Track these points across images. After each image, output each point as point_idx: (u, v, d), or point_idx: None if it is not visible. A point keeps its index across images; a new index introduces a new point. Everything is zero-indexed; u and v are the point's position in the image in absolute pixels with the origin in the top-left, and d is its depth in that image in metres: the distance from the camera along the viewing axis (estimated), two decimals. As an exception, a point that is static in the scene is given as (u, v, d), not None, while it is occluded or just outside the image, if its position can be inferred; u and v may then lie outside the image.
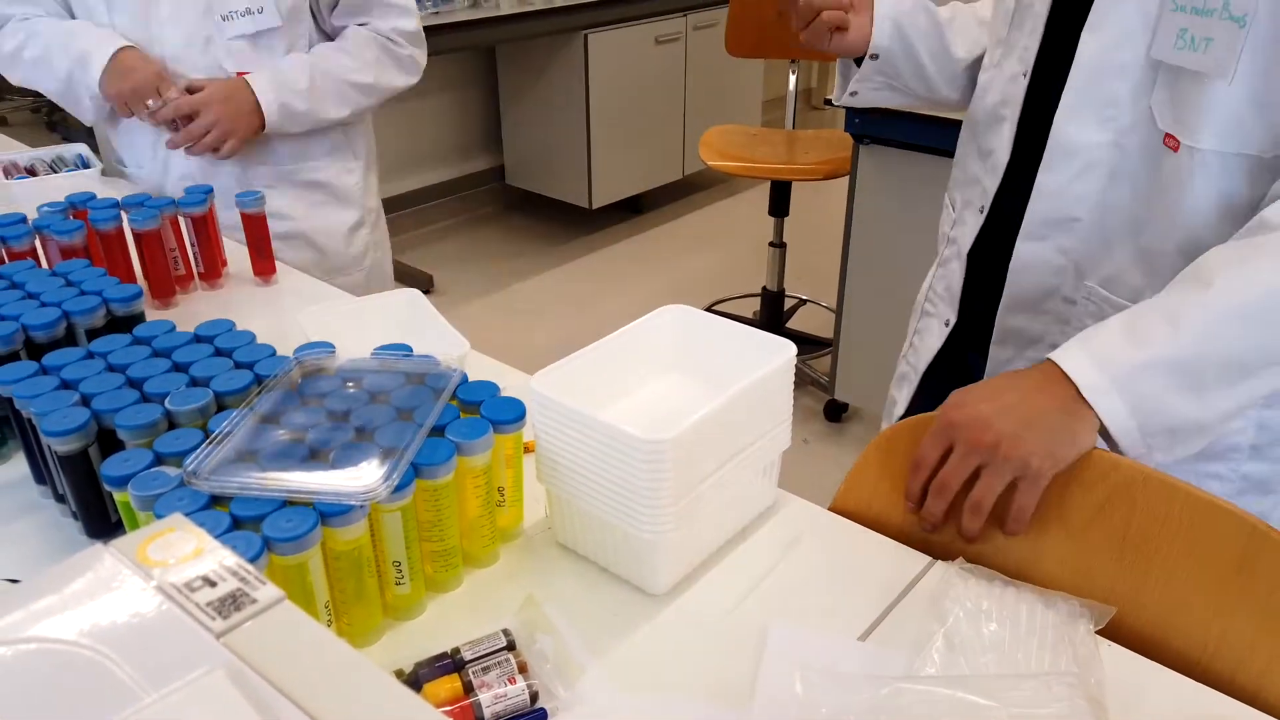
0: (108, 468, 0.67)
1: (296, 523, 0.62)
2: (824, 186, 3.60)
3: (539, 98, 3.63)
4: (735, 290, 3.25)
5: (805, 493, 0.85)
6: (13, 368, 0.79)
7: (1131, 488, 0.73)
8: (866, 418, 2.61)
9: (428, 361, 0.80)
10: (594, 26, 3.37)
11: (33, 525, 0.81)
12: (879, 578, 0.76)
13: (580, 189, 3.64)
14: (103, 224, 1.13)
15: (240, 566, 0.40)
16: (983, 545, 0.79)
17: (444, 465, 0.69)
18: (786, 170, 2.50)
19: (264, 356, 0.82)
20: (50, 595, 0.38)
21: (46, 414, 0.73)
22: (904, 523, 0.83)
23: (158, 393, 0.75)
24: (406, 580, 0.71)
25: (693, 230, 3.88)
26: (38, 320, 0.86)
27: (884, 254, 2.16)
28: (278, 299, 1.24)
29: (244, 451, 0.68)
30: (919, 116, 1.95)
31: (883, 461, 0.85)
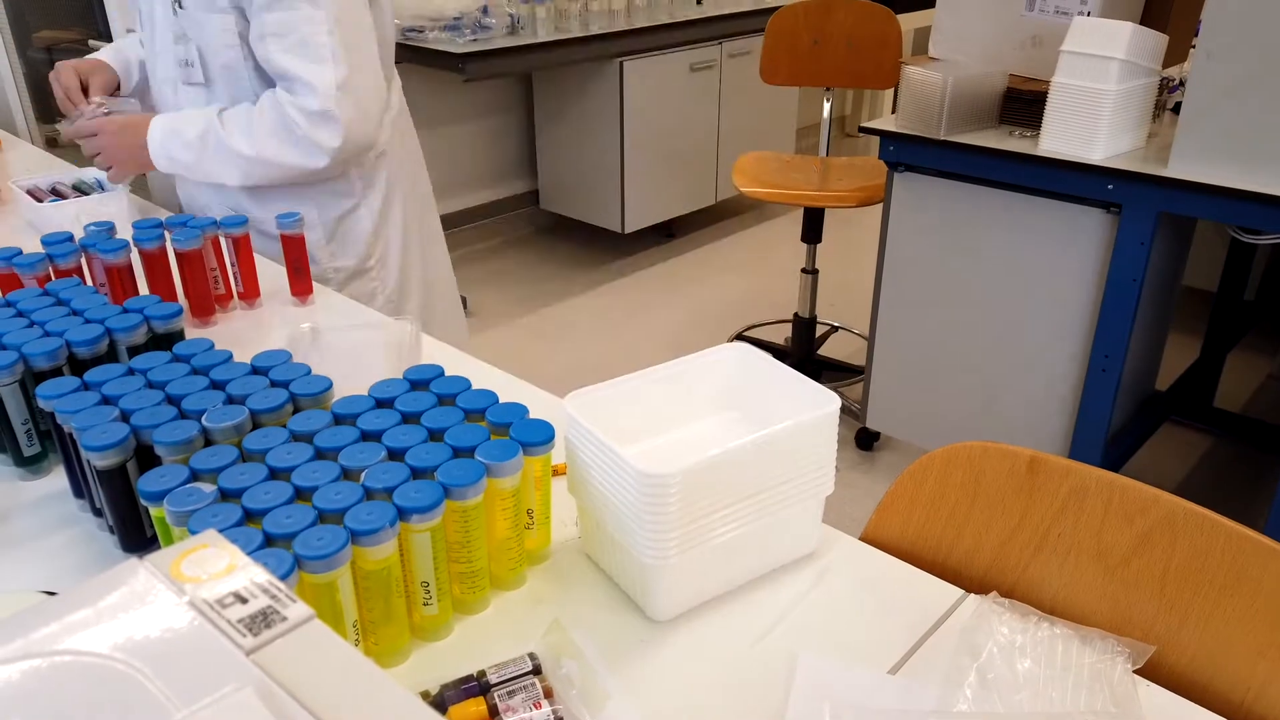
0: (144, 483, 0.68)
1: (327, 541, 0.62)
2: (857, 213, 3.60)
3: (574, 123, 3.67)
4: (767, 316, 3.24)
5: (836, 522, 0.84)
6: (56, 383, 0.80)
7: (1172, 522, 0.72)
8: (899, 447, 2.58)
9: (456, 381, 0.81)
10: (629, 54, 3.41)
11: (70, 538, 0.83)
12: (911, 610, 0.75)
13: (613, 214, 3.67)
14: (146, 243, 1.15)
15: (271, 584, 0.40)
16: (1017, 579, 0.78)
17: (473, 486, 0.69)
18: (820, 197, 2.50)
19: (299, 375, 0.83)
20: (85, 608, 0.39)
21: (87, 429, 0.74)
22: (937, 554, 0.82)
23: (195, 410, 0.76)
24: (434, 601, 0.71)
25: (725, 256, 3.89)
26: (81, 337, 0.88)
27: (918, 282, 2.15)
28: (314, 319, 1.26)
29: (277, 470, 0.69)
30: (953, 145, 1.95)
31: (915, 491, 0.84)
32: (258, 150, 1.36)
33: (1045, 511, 0.79)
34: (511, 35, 3.17)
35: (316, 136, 1.34)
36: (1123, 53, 1.71)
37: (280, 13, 1.31)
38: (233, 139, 1.37)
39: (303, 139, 1.34)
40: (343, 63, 1.33)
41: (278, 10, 1.31)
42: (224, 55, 1.38)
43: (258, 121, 1.36)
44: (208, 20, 1.36)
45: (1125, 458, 2.25)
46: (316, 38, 1.31)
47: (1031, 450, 0.80)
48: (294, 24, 1.31)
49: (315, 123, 1.33)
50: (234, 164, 1.38)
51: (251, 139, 1.36)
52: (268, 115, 1.35)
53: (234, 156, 1.37)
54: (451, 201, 3.86)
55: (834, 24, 2.70)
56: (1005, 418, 2.13)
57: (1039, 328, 2.00)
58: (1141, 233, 1.79)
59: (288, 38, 1.31)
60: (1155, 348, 2.30)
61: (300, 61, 1.32)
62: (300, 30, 1.31)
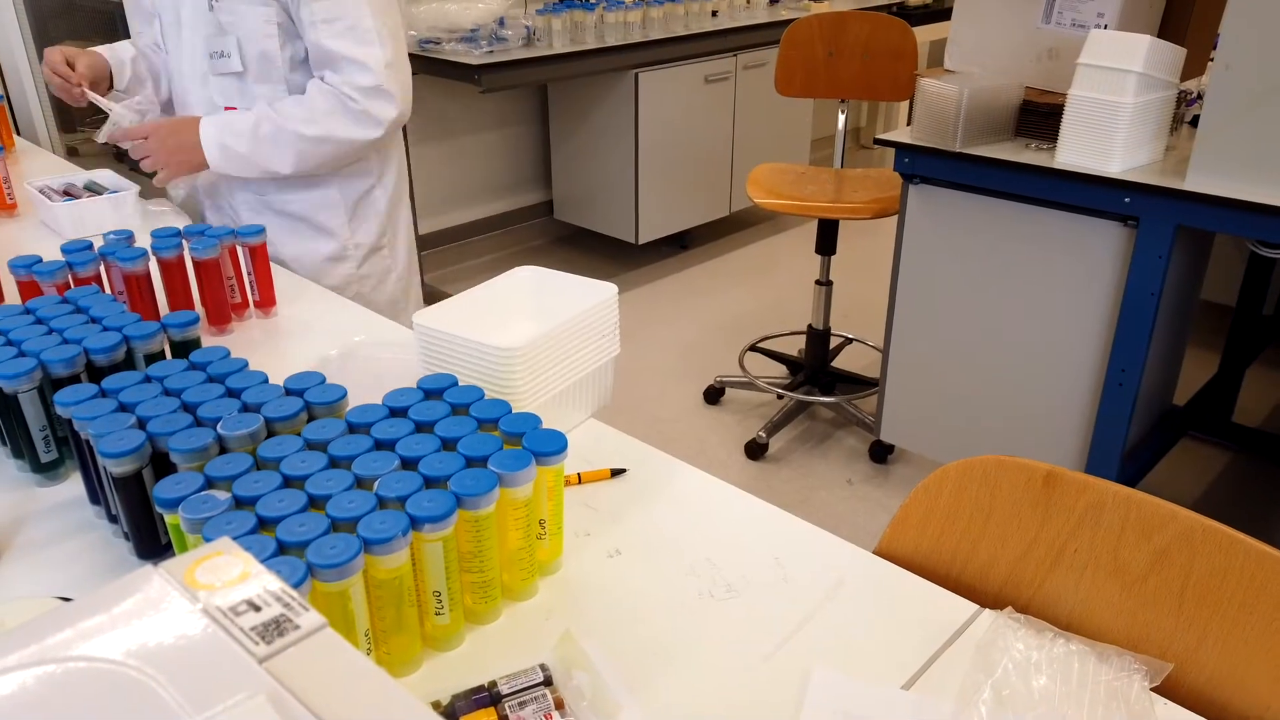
0: (160, 490, 0.68)
1: (340, 549, 0.62)
2: (872, 225, 3.59)
3: (589, 134, 3.68)
4: (781, 328, 3.23)
5: (849, 535, 0.84)
6: (74, 390, 0.81)
7: (1190, 538, 0.71)
8: (913, 460, 2.57)
9: (469, 391, 0.81)
10: (645, 66, 3.42)
11: (85, 544, 0.83)
12: (924, 624, 0.75)
13: (627, 224, 3.67)
14: (164, 252, 1.16)
15: (284, 592, 0.40)
16: (1033, 594, 0.77)
17: (486, 496, 0.69)
18: (834, 208, 2.50)
19: (314, 384, 0.83)
20: (100, 615, 0.39)
21: (104, 435, 0.74)
22: (951, 568, 0.81)
23: (211, 417, 0.77)
24: (446, 611, 0.71)
25: (738, 267, 3.89)
26: (99, 344, 0.89)
27: (933, 294, 2.14)
28: (332, 326, 1.26)
29: (291, 479, 0.69)
30: (969, 157, 1.94)
31: (930, 505, 0.84)
32: (320, 129, 1.47)
33: (1061, 526, 0.79)
34: (527, 47, 3.19)
35: (372, 109, 1.47)
36: (1140, 66, 1.71)
37: (328, 1, 1.43)
38: (291, 122, 1.47)
39: (360, 113, 1.47)
40: (387, 44, 1.47)
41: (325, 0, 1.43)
42: (262, 44, 1.48)
43: (314, 104, 1.47)
44: (249, 12, 1.46)
45: (1142, 473, 2.23)
46: (363, 21, 1.45)
47: (1048, 465, 0.80)
48: (341, 11, 1.44)
49: (370, 96, 1.46)
50: (291, 147, 1.48)
51: (311, 120, 1.47)
52: (322, 97, 1.47)
53: (292, 139, 1.48)
54: (466, 211, 3.88)
55: (849, 36, 2.70)
56: (1021, 431, 2.11)
57: (1055, 341, 1.99)
58: (1159, 246, 1.77)
59: (337, 23, 1.44)
60: (1173, 362, 2.28)
61: (351, 44, 1.45)
62: (348, 16, 1.44)
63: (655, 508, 0.89)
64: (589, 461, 0.94)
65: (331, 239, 1.61)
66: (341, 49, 1.44)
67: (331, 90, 1.46)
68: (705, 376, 2.96)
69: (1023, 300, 2.01)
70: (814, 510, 2.37)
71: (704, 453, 2.64)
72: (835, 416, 2.80)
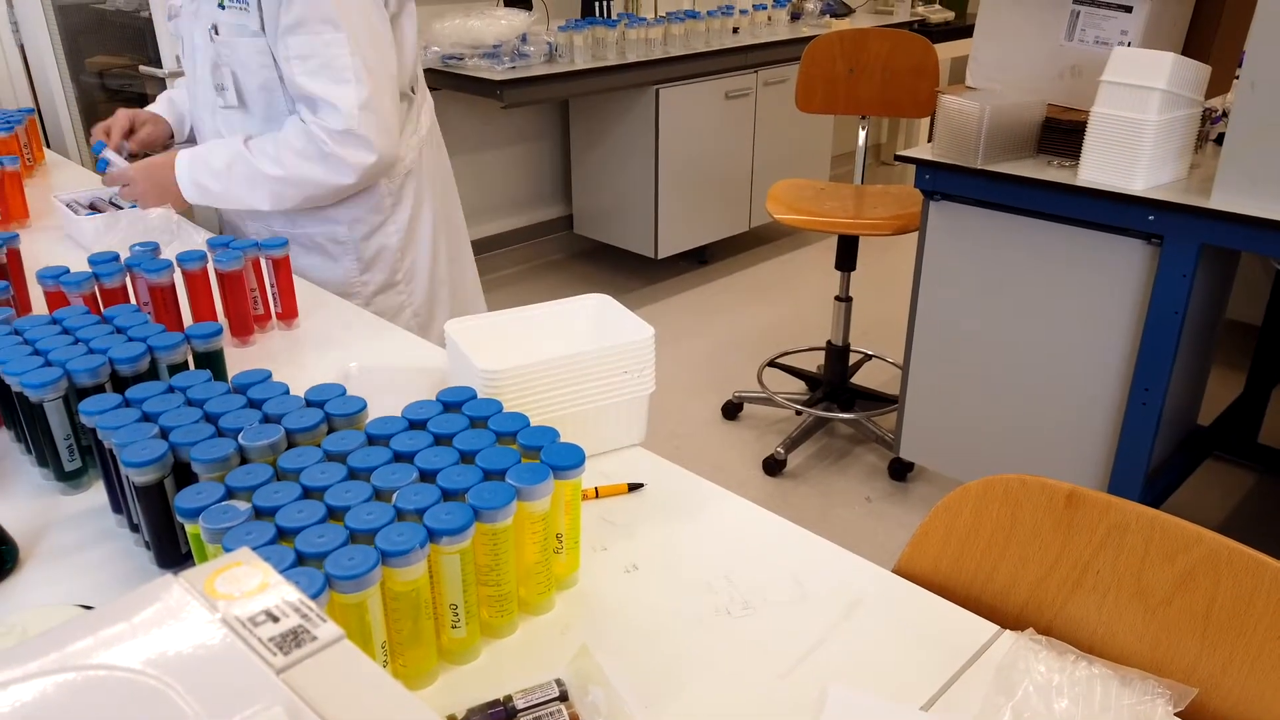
0: (181, 499, 0.69)
1: (358, 561, 0.63)
2: (892, 242, 3.58)
3: (609, 149, 3.70)
4: (800, 343, 3.22)
5: (868, 553, 0.83)
6: (98, 399, 0.82)
7: (1215, 561, 0.70)
8: (933, 478, 2.55)
9: (487, 404, 0.81)
10: (666, 82, 3.43)
11: (107, 553, 0.84)
12: (944, 645, 0.74)
13: (646, 239, 3.68)
14: (189, 264, 1.17)
15: (303, 603, 0.41)
16: (1054, 616, 0.76)
17: (504, 509, 0.70)
18: (855, 225, 2.49)
19: (334, 396, 0.83)
20: (120, 623, 0.39)
21: (127, 445, 0.75)
22: (971, 588, 0.80)
23: (232, 428, 0.77)
24: (462, 624, 0.71)
25: (757, 282, 3.88)
26: (124, 354, 0.90)
27: (953, 311, 2.13)
28: (353, 338, 1.27)
29: (310, 490, 0.70)
30: (991, 174, 1.94)
31: (950, 524, 0.83)
32: (286, 170, 1.41)
33: (1084, 547, 0.78)
34: (549, 63, 3.21)
35: (343, 154, 1.39)
36: (1164, 83, 1.70)
37: (303, 36, 1.35)
38: (260, 163, 1.42)
39: (330, 155, 1.39)
40: (365, 83, 1.37)
41: (300, 34, 1.35)
42: (259, 77, 1.43)
43: (284, 144, 1.41)
44: (240, 44, 1.41)
45: (1166, 494, 2.20)
46: (339, 60, 1.35)
47: (1070, 484, 0.79)
48: (316, 47, 1.35)
49: (341, 141, 1.38)
50: (263, 187, 1.43)
51: (279, 161, 1.41)
52: (294, 138, 1.40)
53: (263, 179, 1.42)
54: (487, 225, 3.91)
55: (870, 53, 2.70)
56: (1042, 450, 2.09)
57: (1077, 359, 1.97)
58: (1184, 264, 1.76)
59: (310, 60, 1.36)
60: (1197, 382, 2.26)
61: (323, 83, 1.36)
62: (322, 53, 1.35)
63: (673, 523, 0.88)
64: (607, 476, 0.94)
65: (338, 275, 1.57)
66: (314, 88, 1.36)
67: (305, 130, 1.39)
68: (723, 392, 2.96)
69: (1044, 318, 1.99)
70: (832, 527, 2.36)
71: (722, 468, 2.63)
72: (854, 433, 2.78)
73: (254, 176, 1.43)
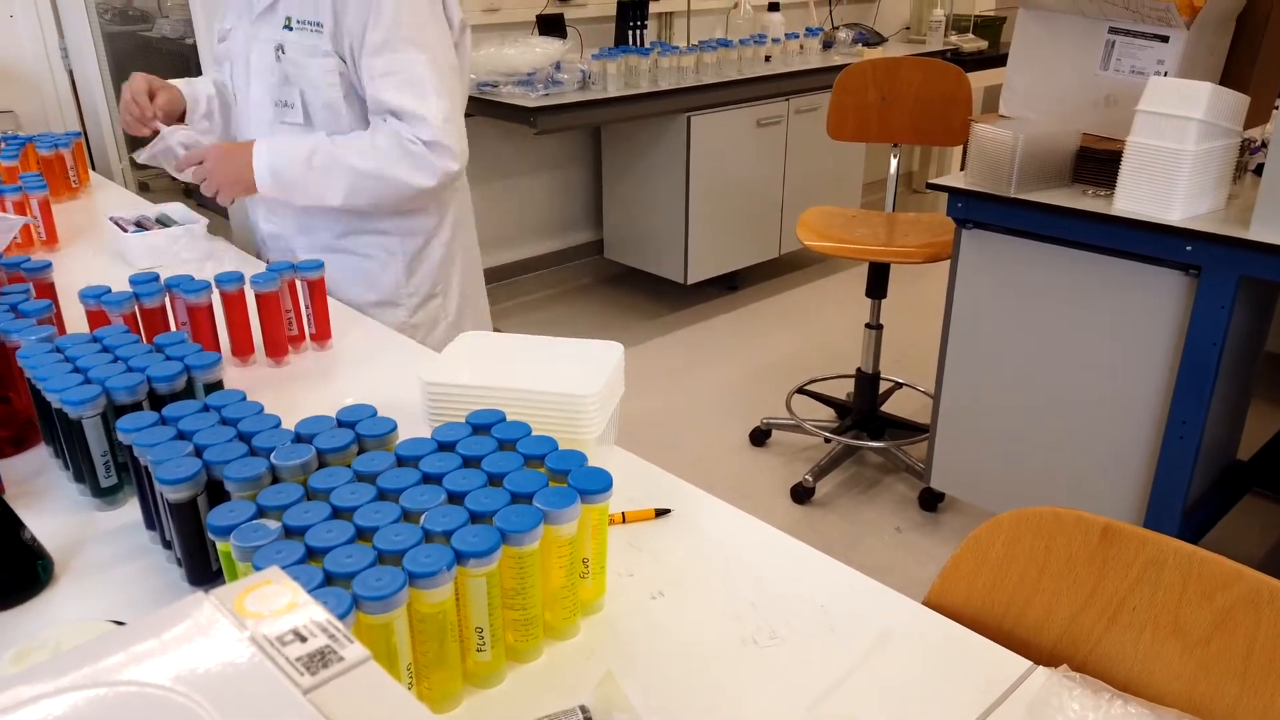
0: (213, 517, 0.70)
1: (386, 582, 0.63)
2: (923, 270, 3.56)
3: (640, 176, 3.73)
4: (829, 370, 3.21)
5: (897, 584, 0.82)
6: (135, 417, 0.83)
7: (1256, 600, 0.68)
8: (964, 509, 2.52)
9: (516, 427, 0.82)
10: (697, 109, 3.46)
11: (140, 569, 0.85)
12: (975, 680, 0.73)
13: (676, 265, 3.69)
14: (226, 285, 1.19)
15: (330, 623, 0.41)
16: (1089, 653, 0.74)
17: (530, 533, 0.70)
18: (886, 252, 2.48)
19: (365, 416, 0.84)
20: (151, 639, 0.40)
21: (162, 462, 0.76)
22: (1004, 622, 0.79)
23: (265, 447, 0.78)
24: (488, 647, 0.71)
25: (787, 309, 3.87)
26: (161, 373, 0.91)
27: (986, 340, 2.11)
28: (385, 359, 1.28)
29: (340, 510, 0.70)
30: (1024, 203, 1.92)
31: (982, 556, 0.82)
32: (376, 165, 1.47)
33: (1119, 583, 0.76)
34: (582, 90, 3.25)
35: (431, 157, 1.47)
36: (1202, 113, 1.68)
37: (389, 55, 1.44)
38: (345, 155, 1.48)
39: (419, 156, 1.47)
40: (445, 98, 1.47)
41: (386, 54, 1.44)
42: (325, 94, 1.50)
43: (375, 141, 1.48)
44: (310, 64, 1.48)
45: (1204, 530, 2.15)
46: (423, 77, 1.45)
47: (1105, 518, 0.77)
48: (402, 65, 1.45)
49: (432, 147, 1.47)
50: (343, 179, 1.48)
51: (365, 154, 1.47)
52: (384, 136, 1.47)
53: (345, 171, 1.48)
54: (519, 249, 3.94)
55: (902, 82, 2.71)
56: (1076, 483, 2.06)
57: (1112, 391, 1.94)
58: (1222, 296, 1.73)
59: (397, 76, 1.45)
60: (1236, 416, 2.21)
61: (411, 98, 1.45)
62: (408, 70, 1.45)
63: (699, 549, 0.88)
64: (634, 501, 0.94)
65: (386, 287, 1.62)
66: (401, 103, 1.45)
67: (395, 133, 1.46)
68: (752, 418, 2.94)
69: (1079, 349, 1.97)
70: (861, 557, 2.33)
71: (749, 495, 2.61)
72: (884, 462, 2.75)
73: (334, 167, 1.47)
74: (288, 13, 1.48)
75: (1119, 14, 1.92)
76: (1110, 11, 1.93)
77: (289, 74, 1.50)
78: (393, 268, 1.62)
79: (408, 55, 1.44)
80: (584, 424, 0.92)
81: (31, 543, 0.82)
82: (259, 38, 1.52)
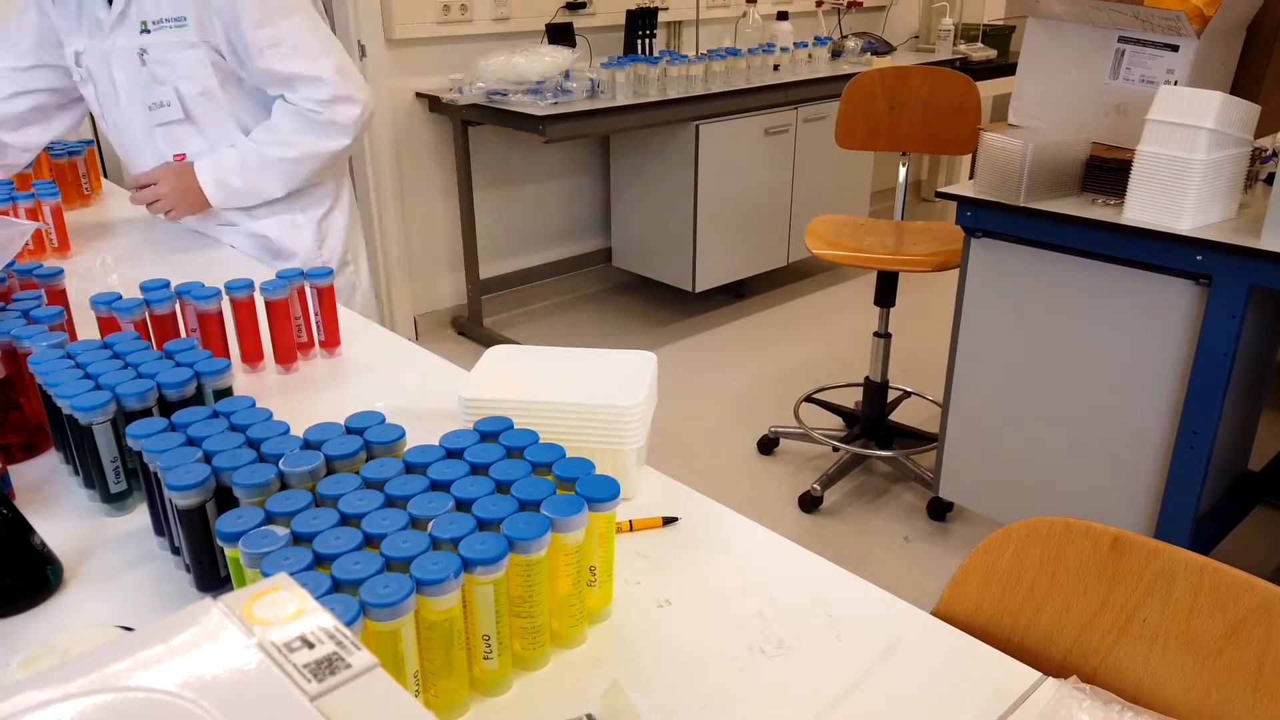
0: (222, 524, 0.70)
1: (393, 589, 0.63)
2: (931, 278, 3.56)
3: (649, 184, 3.73)
4: (837, 379, 3.20)
5: (906, 594, 0.82)
6: (145, 423, 0.83)
7: (1269, 611, 0.68)
8: (972, 518, 2.51)
9: (524, 434, 0.82)
10: (706, 118, 3.46)
11: (148, 574, 0.85)
12: (984, 690, 0.72)
13: (684, 273, 3.70)
14: (236, 291, 1.20)
15: (338, 630, 0.41)
16: (1099, 664, 0.74)
17: (538, 540, 0.69)
18: (894, 260, 2.48)
19: (374, 423, 0.84)
20: (159, 645, 0.40)
21: (171, 468, 0.76)
22: (1013, 633, 0.78)
23: (273, 454, 0.78)
24: (495, 655, 0.71)
25: (795, 317, 3.87)
26: (171, 380, 0.92)
27: (995, 349, 2.10)
28: (393, 366, 1.29)
29: (348, 516, 0.70)
30: (1034, 211, 1.92)
31: (991, 566, 0.81)
32: (297, 150, 1.57)
33: (1130, 594, 0.76)
34: (591, 98, 3.26)
35: (336, 118, 1.56)
36: (1212, 122, 1.68)
37: (268, 28, 1.52)
38: (266, 149, 1.57)
39: (325, 123, 1.56)
40: (332, 53, 1.55)
41: (266, 27, 1.52)
42: (199, 84, 1.56)
43: (280, 127, 1.57)
44: (181, 58, 1.54)
45: (1215, 541, 2.14)
46: (305, 40, 1.53)
47: (1115, 528, 0.77)
48: (282, 34, 1.52)
49: (331, 106, 1.55)
50: (275, 171, 1.59)
51: (287, 143, 1.57)
52: (287, 117, 1.56)
53: (273, 163, 1.58)
54: (528, 257, 3.95)
55: (911, 91, 2.71)
56: (1085, 493, 2.05)
57: (1122, 400, 1.94)
58: (1233, 305, 1.72)
59: (281, 46, 1.52)
60: (1247, 426, 2.20)
61: (299, 61, 1.53)
62: (289, 38, 1.52)
63: (706, 558, 0.88)
64: (641, 509, 0.94)
65: (302, 259, 1.72)
66: (293, 69, 1.52)
67: (294, 109, 1.55)
68: (759, 426, 2.94)
69: (1088, 358, 1.96)
70: (869, 567, 2.32)
71: (756, 503, 2.61)
72: (892, 471, 2.75)
73: (264, 164, 1.57)
74: (141, 17, 1.54)
75: (1128, 23, 1.92)
76: (1120, 20, 1.92)
77: (156, 74, 1.56)
78: (304, 239, 1.71)
79: (285, 23, 1.51)
80: (626, 435, 0.91)
81: (41, 548, 0.83)
82: (116, 49, 1.57)
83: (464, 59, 3.41)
